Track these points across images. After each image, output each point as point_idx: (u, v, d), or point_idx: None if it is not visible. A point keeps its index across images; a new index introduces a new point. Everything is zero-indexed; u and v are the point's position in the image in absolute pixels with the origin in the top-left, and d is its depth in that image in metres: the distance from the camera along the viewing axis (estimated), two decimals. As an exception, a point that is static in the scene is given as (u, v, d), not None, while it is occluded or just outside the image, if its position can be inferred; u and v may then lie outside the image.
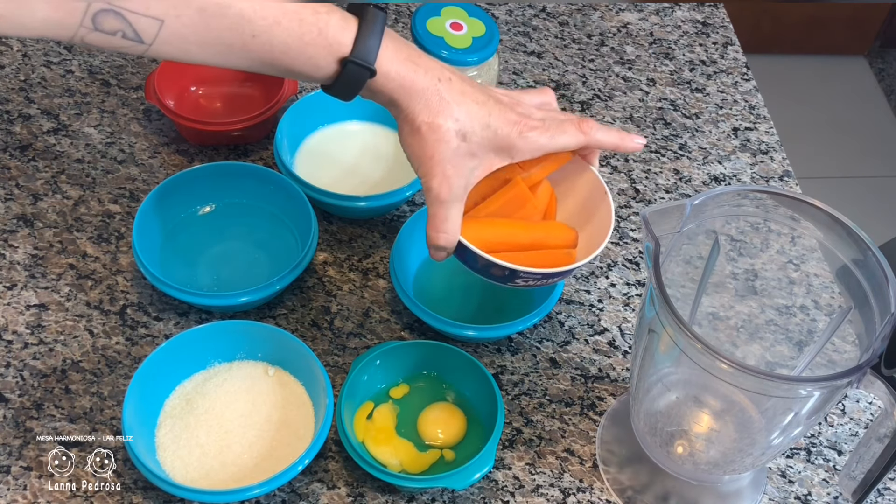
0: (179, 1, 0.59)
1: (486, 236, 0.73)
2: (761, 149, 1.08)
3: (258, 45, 0.62)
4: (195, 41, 0.60)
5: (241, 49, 0.62)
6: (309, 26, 0.62)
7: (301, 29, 0.62)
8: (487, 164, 0.70)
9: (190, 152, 1.00)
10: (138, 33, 0.59)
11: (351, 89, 0.66)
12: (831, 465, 0.82)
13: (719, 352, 0.60)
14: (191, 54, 0.62)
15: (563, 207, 0.80)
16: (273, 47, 0.62)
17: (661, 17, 1.23)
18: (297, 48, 0.62)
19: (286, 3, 0.62)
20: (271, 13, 0.61)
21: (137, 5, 0.57)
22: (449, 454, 0.78)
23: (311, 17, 0.63)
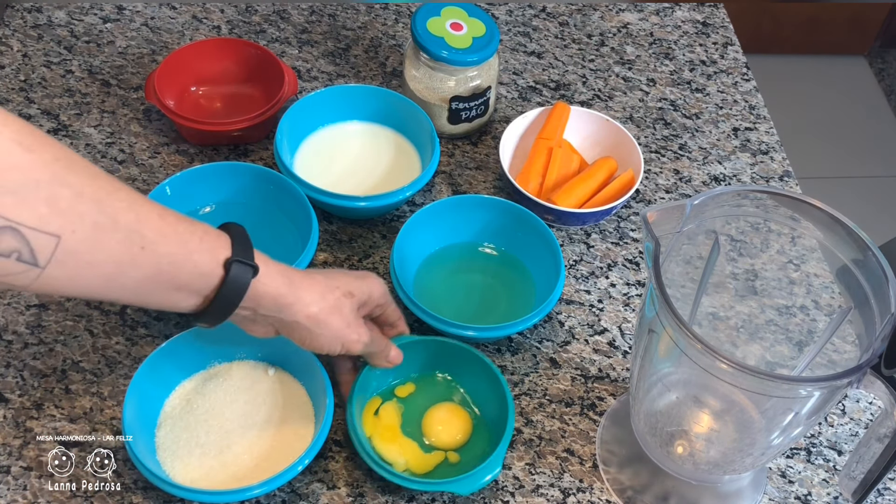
0: (75, 215, 0.56)
1: (577, 195, 0.95)
2: (761, 149, 1.08)
3: (146, 258, 0.60)
4: (88, 260, 0.57)
5: (130, 264, 0.60)
6: (190, 234, 0.63)
7: (184, 237, 0.62)
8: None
9: (190, 152, 1.00)
10: (34, 253, 0.54)
11: (233, 298, 0.65)
12: (831, 465, 0.82)
13: (719, 352, 0.60)
14: (82, 279, 0.58)
15: None
16: (160, 259, 0.61)
17: (661, 17, 1.23)
18: (183, 256, 0.62)
19: (166, 217, 0.62)
20: (156, 225, 0.61)
21: (36, 221, 0.54)
22: (453, 456, 0.78)
23: (189, 226, 0.63)
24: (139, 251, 0.59)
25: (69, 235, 0.55)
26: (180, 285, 0.63)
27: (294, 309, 0.68)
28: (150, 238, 0.60)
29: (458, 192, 0.99)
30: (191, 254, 0.62)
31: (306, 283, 0.69)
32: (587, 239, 0.97)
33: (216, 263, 0.64)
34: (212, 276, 0.64)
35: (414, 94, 1.01)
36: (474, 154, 1.03)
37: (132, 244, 0.59)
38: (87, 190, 0.56)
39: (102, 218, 0.57)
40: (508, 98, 1.10)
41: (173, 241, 0.61)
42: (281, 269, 0.69)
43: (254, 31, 1.14)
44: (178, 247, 0.62)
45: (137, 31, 1.12)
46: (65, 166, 0.56)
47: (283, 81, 1.00)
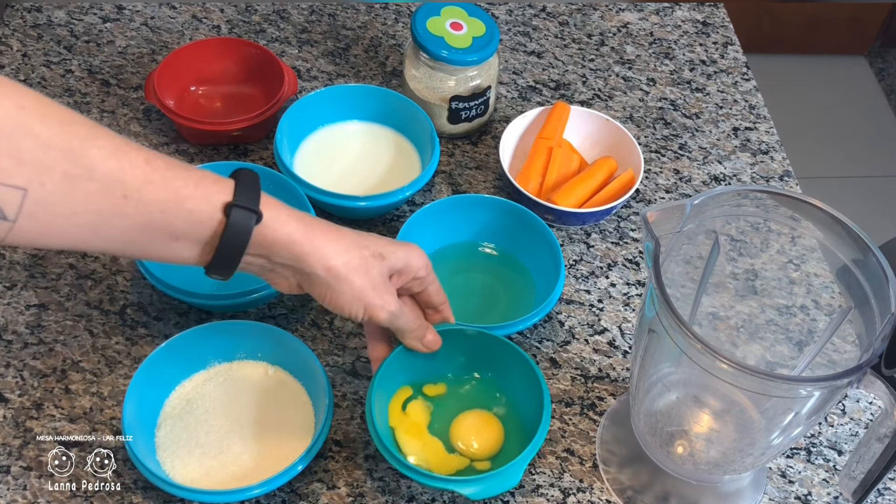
0: (42, 167, 0.53)
1: (577, 195, 0.95)
2: (761, 149, 1.08)
3: (131, 207, 0.57)
4: (62, 212, 0.55)
5: (114, 213, 0.56)
6: (183, 181, 0.59)
7: (175, 184, 0.59)
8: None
9: (190, 152, 1.00)
10: (0, 207, 0.52)
11: (238, 246, 0.62)
12: (831, 465, 0.82)
13: (719, 352, 0.60)
14: (59, 229, 0.56)
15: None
16: (149, 207, 0.57)
17: (661, 17, 1.23)
18: (175, 204, 0.58)
19: (154, 162, 0.58)
20: (141, 172, 0.57)
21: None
22: (483, 464, 0.76)
23: (182, 172, 0.59)
24: (122, 200, 0.56)
25: (37, 188, 0.53)
26: (177, 234, 0.60)
27: (311, 259, 0.64)
28: (133, 186, 0.56)
29: (458, 191, 0.99)
30: (183, 200, 0.59)
31: (330, 235, 0.66)
32: (587, 239, 0.97)
33: (214, 209, 0.60)
34: (209, 223, 0.60)
35: (414, 93, 1.01)
36: (474, 154, 1.03)
37: (112, 193, 0.56)
38: (56, 139, 0.54)
39: (74, 167, 0.54)
40: (508, 98, 1.10)
41: (161, 188, 0.58)
42: (298, 215, 0.65)
43: (254, 30, 1.14)
44: (167, 193, 0.58)
45: (137, 30, 1.12)
46: (31, 114, 0.53)
47: (283, 81, 1.00)
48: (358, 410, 0.82)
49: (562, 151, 0.99)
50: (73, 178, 0.54)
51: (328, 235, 0.66)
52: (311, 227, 0.65)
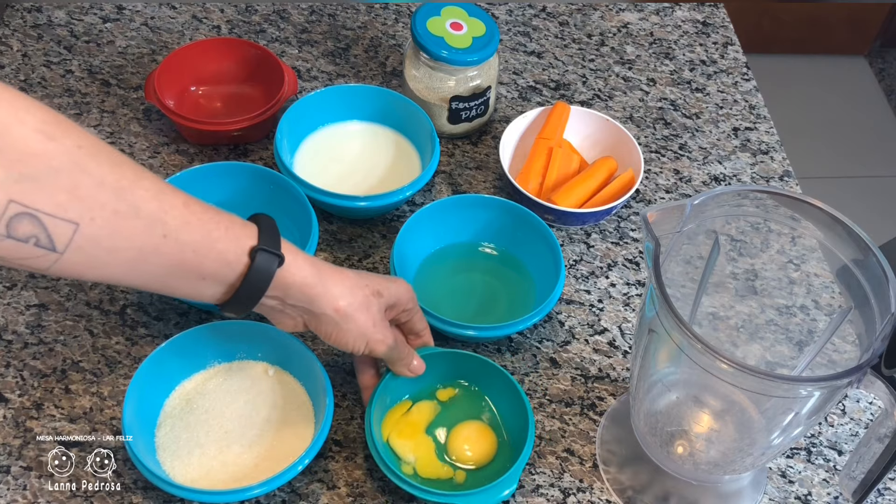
0: (95, 203, 0.56)
1: (577, 195, 0.95)
2: (761, 149, 1.08)
3: (169, 247, 0.61)
4: (108, 246, 0.58)
5: (153, 252, 0.60)
6: (215, 224, 0.63)
7: (208, 226, 0.63)
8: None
9: (190, 152, 1.00)
10: (52, 239, 0.56)
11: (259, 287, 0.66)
12: (831, 465, 0.82)
13: (719, 352, 0.59)
14: (101, 263, 0.59)
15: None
16: (184, 247, 0.62)
17: (661, 17, 1.23)
18: (207, 245, 0.63)
19: (191, 205, 0.63)
20: (179, 213, 0.61)
21: (54, 208, 0.55)
22: (460, 475, 0.77)
23: (214, 216, 0.64)
24: (161, 239, 0.60)
25: (88, 223, 0.56)
26: (205, 274, 0.64)
27: (322, 301, 0.69)
28: (172, 226, 0.61)
29: (458, 191, 0.99)
30: (215, 242, 0.63)
31: (336, 277, 0.70)
32: (587, 239, 0.97)
33: (241, 252, 0.64)
34: (237, 265, 0.65)
35: (414, 93, 1.01)
36: (474, 154, 1.03)
37: (154, 232, 0.60)
38: (108, 178, 0.57)
39: (123, 206, 0.58)
40: (508, 98, 1.10)
41: (197, 230, 0.62)
42: (310, 260, 0.69)
43: (254, 30, 1.14)
44: (201, 235, 0.62)
45: (137, 30, 1.12)
46: (87, 154, 0.57)
47: (283, 81, 1.00)
48: (358, 410, 0.82)
49: (562, 151, 0.99)
50: (121, 216, 0.58)
51: (335, 277, 0.70)
52: (321, 270, 0.69)
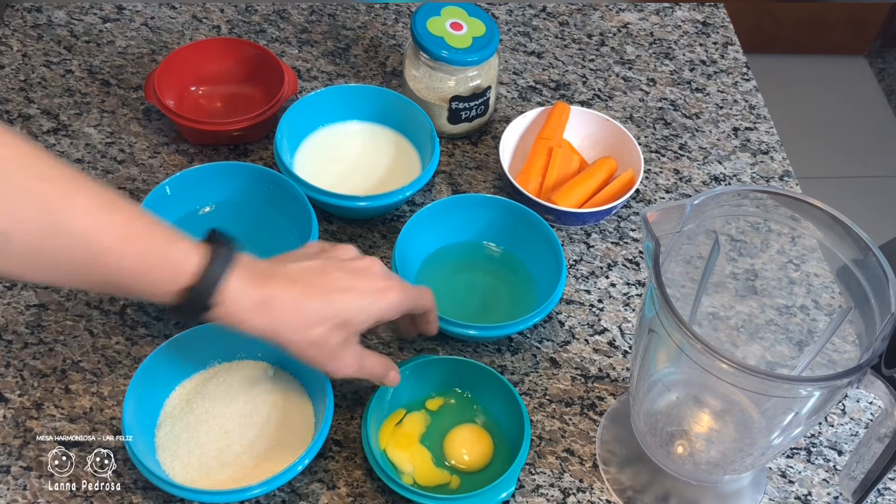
0: (18, 217, 0.56)
1: (577, 195, 0.95)
2: (761, 149, 1.08)
3: (101, 267, 0.59)
4: (38, 259, 0.58)
5: (86, 269, 0.59)
6: (151, 252, 0.61)
7: (143, 254, 0.60)
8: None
9: (190, 152, 1.00)
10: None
11: (194, 317, 0.64)
12: (831, 465, 0.82)
13: (719, 352, 0.60)
14: (37, 272, 0.60)
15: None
16: (118, 269, 0.60)
17: (661, 17, 1.23)
18: (140, 273, 0.61)
19: (131, 225, 0.60)
20: (114, 235, 0.59)
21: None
22: (456, 481, 0.77)
23: (152, 243, 0.61)
24: (91, 258, 0.59)
25: (17, 234, 0.56)
26: (142, 295, 0.63)
27: (270, 336, 0.66)
28: (103, 248, 0.59)
29: (458, 191, 0.99)
30: (148, 272, 0.61)
31: (292, 312, 0.66)
32: (587, 239, 0.97)
33: (174, 288, 0.62)
34: (170, 297, 0.63)
35: (414, 93, 1.01)
36: (474, 154, 1.03)
37: (82, 251, 0.58)
38: (34, 193, 0.56)
39: (48, 222, 0.57)
40: (508, 98, 1.10)
41: (130, 256, 0.60)
42: (261, 294, 0.65)
43: (254, 30, 1.14)
44: (134, 262, 0.60)
45: (137, 30, 1.12)
46: (16, 167, 0.56)
47: (283, 81, 1.00)
48: (358, 411, 0.82)
49: (562, 151, 0.99)
50: (46, 233, 0.57)
51: (289, 311, 0.66)
52: (271, 306, 0.65)
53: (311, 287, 0.67)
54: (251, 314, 0.65)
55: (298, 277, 0.67)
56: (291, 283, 0.66)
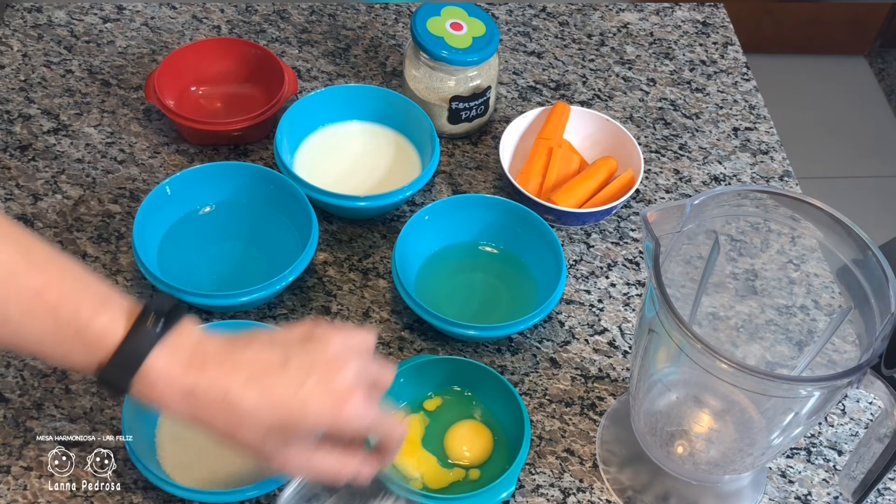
0: None
1: (577, 195, 0.95)
2: (761, 149, 1.08)
3: (8, 332, 0.55)
4: None
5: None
6: (65, 323, 0.56)
7: (56, 324, 0.55)
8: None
9: (190, 152, 1.00)
10: None
11: (115, 393, 0.59)
12: (831, 465, 0.82)
13: (719, 352, 0.60)
14: None
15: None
16: (26, 337, 0.56)
17: (661, 17, 1.23)
18: (53, 342, 0.56)
19: (49, 290, 0.55)
20: (26, 301, 0.55)
21: None
22: (474, 473, 0.78)
23: (69, 313, 0.56)
24: (1, 325, 0.55)
25: None
26: (52, 362, 0.60)
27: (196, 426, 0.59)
28: (14, 315, 0.55)
29: (458, 191, 0.99)
30: (60, 343, 0.56)
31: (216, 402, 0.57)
32: (587, 239, 0.97)
33: (90, 361, 0.57)
34: (86, 369, 0.57)
35: (414, 94, 1.01)
36: (474, 154, 1.03)
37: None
38: None
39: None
40: (508, 98, 1.10)
41: (41, 326, 0.55)
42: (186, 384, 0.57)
43: (254, 31, 1.14)
44: (48, 332, 0.56)
45: (137, 30, 1.12)
46: None
47: (283, 81, 1.00)
48: (358, 410, 0.82)
49: (562, 151, 0.99)
50: None
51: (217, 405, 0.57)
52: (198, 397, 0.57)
53: (253, 382, 0.57)
54: (173, 400, 0.57)
55: (244, 367, 0.58)
56: (232, 372, 0.58)
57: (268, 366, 0.58)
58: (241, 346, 0.60)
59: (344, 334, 0.62)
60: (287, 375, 0.58)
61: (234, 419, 0.57)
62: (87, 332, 0.56)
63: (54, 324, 0.56)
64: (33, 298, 0.55)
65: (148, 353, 0.56)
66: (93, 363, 0.57)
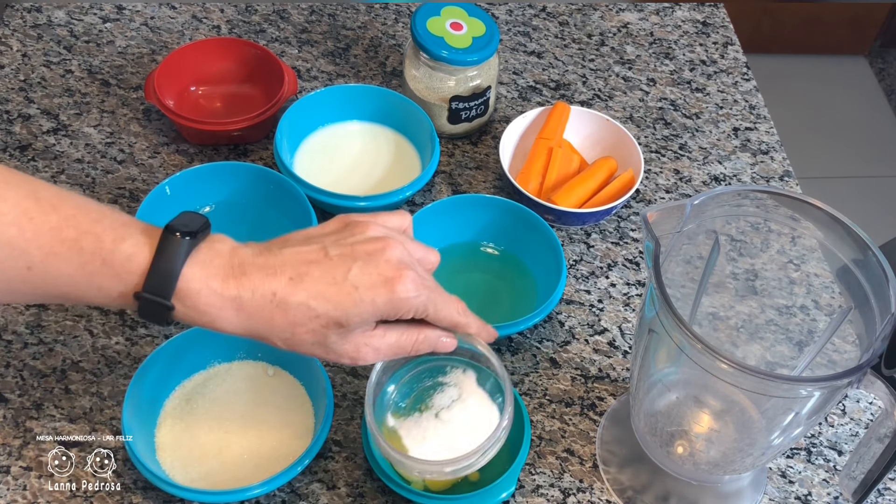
0: None
1: (577, 195, 0.95)
2: (761, 149, 1.08)
3: (37, 278, 0.53)
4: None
5: (21, 283, 0.53)
6: (90, 255, 0.54)
7: (81, 258, 0.53)
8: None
9: (190, 152, 1.00)
10: None
11: (157, 320, 0.56)
12: (831, 466, 0.82)
13: (719, 352, 0.59)
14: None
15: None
16: (55, 279, 0.54)
17: (661, 17, 1.23)
18: (83, 280, 0.54)
19: (65, 230, 0.53)
20: (46, 241, 0.53)
21: None
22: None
23: (92, 244, 0.54)
24: (26, 271, 0.53)
25: None
26: (92, 302, 0.56)
27: (247, 336, 0.58)
28: (37, 257, 0.53)
29: (458, 191, 0.99)
30: (91, 277, 0.54)
31: (263, 307, 0.56)
32: (587, 239, 0.97)
33: (125, 289, 0.55)
34: (125, 299, 0.55)
35: (414, 93, 1.01)
36: (474, 154, 1.03)
37: (14, 264, 0.53)
38: None
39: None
40: (508, 98, 1.10)
41: (67, 262, 0.53)
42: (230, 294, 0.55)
43: (254, 30, 1.14)
44: (74, 269, 0.54)
45: (137, 30, 1.12)
46: None
47: (283, 81, 1.00)
48: (358, 410, 0.82)
49: (562, 151, 0.99)
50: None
51: (266, 310, 0.56)
52: (244, 305, 0.56)
53: (298, 278, 0.56)
54: (222, 313, 0.56)
55: (286, 265, 0.57)
56: (273, 274, 0.56)
57: (309, 260, 0.57)
58: (276, 247, 0.58)
59: (380, 217, 0.61)
60: (331, 264, 0.57)
61: (288, 320, 0.56)
62: (114, 260, 0.54)
63: (79, 258, 0.54)
64: (52, 237, 0.53)
65: (182, 269, 0.54)
66: (128, 291, 0.55)
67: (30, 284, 0.54)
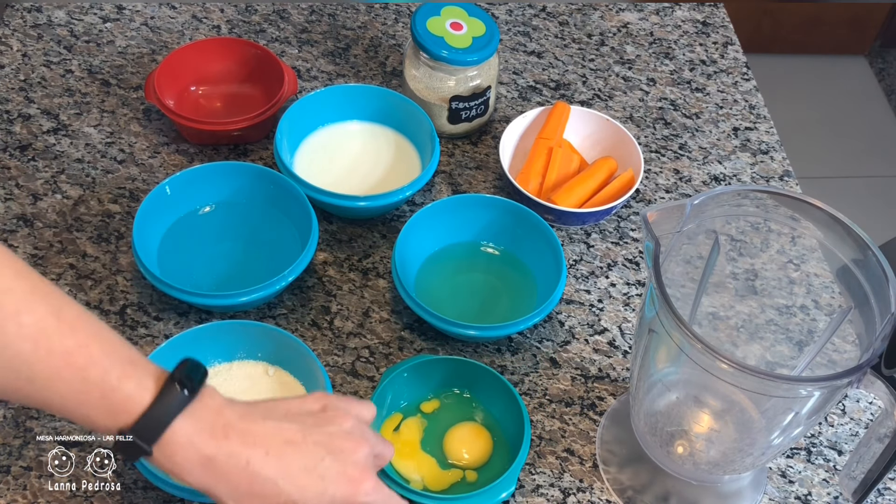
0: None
1: (577, 195, 0.95)
2: (761, 149, 1.08)
3: (34, 391, 0.56)
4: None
5: (15, 391, 0.56)
6: (92, 386, 0.56)
7: (83, 386, 0.56)
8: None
9: (190, 152, 1.00)
10: None
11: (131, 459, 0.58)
12: (831, 465, 0.82)
13: (719, 352, 0.59)
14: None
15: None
16: (49, 398, 0.56)
17: (661, 17, 1.23)
18: (75, 406, 0.56)
19: (79, 354, 0.56)
20: (56, 363, 0.55)
21: None
22: (471, 475, 0.78)
23: (97, 376, 0.56)
24: (26, 383, 0.55)
25: None
26: (78, 421, 0.58)
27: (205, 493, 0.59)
28: (40, 374, 0.55)
29: (458, 191, 0.99)
30: (81, 406, 0.56)
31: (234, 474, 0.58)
32: (587, 239, 0.97)
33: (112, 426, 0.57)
34: (107, 432, 0.58)
35: (414, 93, 1.01)
36: (474, 154, 1.03)
37: (17, 374, 0.55)
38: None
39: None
40: (508, 98, 1.10)
41: (68, 387, 0.56)
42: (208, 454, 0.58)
43: (254, 30, 1.14)
44: (73, 393, 0.56)
45: (137, 30, 1.12)
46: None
47: (283, 81, 1.00)
48: (358, 410, 0.82)
49: (562, 151, 0.99)
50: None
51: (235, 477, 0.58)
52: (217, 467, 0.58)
53: (274, 455, 0.59)
54: (194, 469, 0.58)
55: (266, 438, 0.60)
56: (252, 444, 0.59)
57: (287, 440, 0.60)
58: (260, 416, 0.61)
59: (354, 407, 0.65)
60: (307, 450, 0.60)
61: (251, 490, 0.59)
62: (114, 397, 0.57)
63: (81, 386, 0.56)
64: (62, 360, 0.55)
65: (172, 421, 0.57)
66: (114, 427, 0.57)
67: (22, 393, 0.56)
